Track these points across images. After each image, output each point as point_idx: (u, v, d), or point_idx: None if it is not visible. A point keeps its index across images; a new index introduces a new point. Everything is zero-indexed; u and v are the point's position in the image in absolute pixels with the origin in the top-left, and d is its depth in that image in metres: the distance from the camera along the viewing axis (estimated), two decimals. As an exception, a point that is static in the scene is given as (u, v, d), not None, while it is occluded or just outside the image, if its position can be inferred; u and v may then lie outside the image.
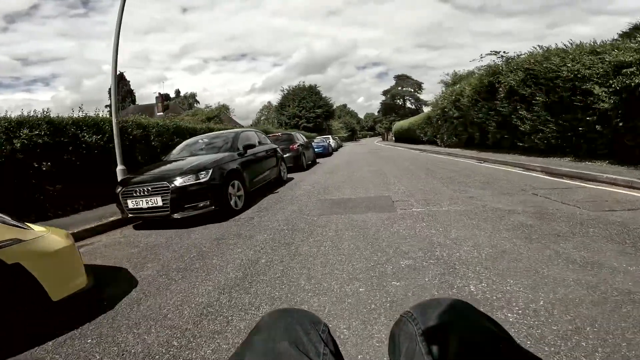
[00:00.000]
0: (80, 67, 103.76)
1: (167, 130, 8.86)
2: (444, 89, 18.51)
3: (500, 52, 10.13)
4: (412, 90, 59.86)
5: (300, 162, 10.40)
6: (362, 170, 9.22)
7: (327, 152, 18.03)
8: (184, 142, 6.57)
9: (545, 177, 6.00)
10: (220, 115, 24.18)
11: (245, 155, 5.74)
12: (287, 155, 10.05)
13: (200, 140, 6.31)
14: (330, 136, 25.35)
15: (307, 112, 37.38)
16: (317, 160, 15.01)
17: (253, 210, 4.91)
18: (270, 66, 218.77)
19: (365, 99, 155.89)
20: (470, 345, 0.44)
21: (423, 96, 59.81)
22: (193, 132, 9.78)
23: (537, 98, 8.25)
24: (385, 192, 5.39)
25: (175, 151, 6.17)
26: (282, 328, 0.53)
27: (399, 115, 55.93)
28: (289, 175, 9.18)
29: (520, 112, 9.01)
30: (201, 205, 4.33)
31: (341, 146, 35.67)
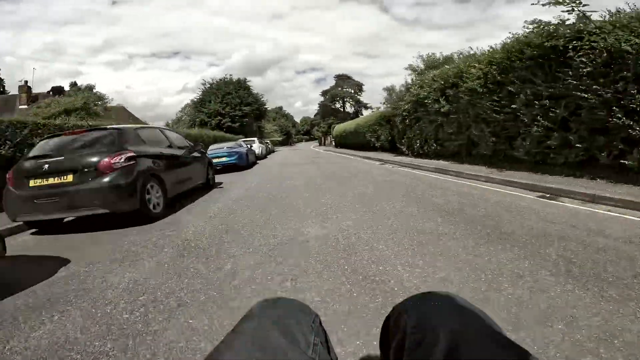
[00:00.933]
0: None
1: None
2: (412, 77, 13.73)
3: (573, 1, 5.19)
4: (353, 91, 56.34)
5: (132, 203, 4.10)
6: (306, 239, 3.39)
7: (244, 164, 11.83)
8: None
9: None
10: (88, 108, 16.26)
11: None
12: (91, 185, 3.77)
13: None
14: (255, 139, 19.17)
15: (232, 109, 30.51)
16: (220, 180, 8.81)
17: None
18: (206, 66, 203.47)
19: (303, 104, 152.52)
20: (460, 340, 0.43)
21: (363, 99, 56.92)
22: None
23: None
24: None
25: None
26: (273, 317, 0.51)
27: (338, 118, 51.87)
28: (71, 263, 2.95)
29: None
30: None
31: (273, 151, 29.59)
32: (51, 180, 3.75)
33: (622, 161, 4.55)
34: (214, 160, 11.04)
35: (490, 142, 7.15)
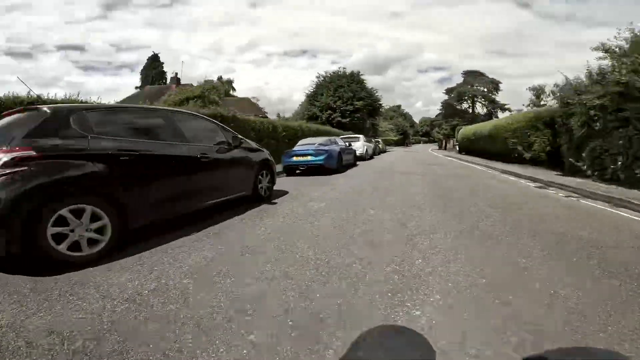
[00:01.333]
0: (162, 56, 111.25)
1: None
2: (609, 62, 8.61)
3: None
4: (486, 90, 47.20)
5: None
6: None
7: (333, 166, 9.26)
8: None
9: None
10: (207, 96, 16.66)
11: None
12: None
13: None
14: (361, 137, 16.51)
15: (343, 103, 28.68)
16: (292, 186, 6.52)
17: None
18: (330, 64, 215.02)
19: (424, 104, 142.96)
20: None
21: (499, 99, 47.37)
22: None
23: None
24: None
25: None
26: (387, 347, 0.49)
27: (465, 120, 44.49)
28: None
29: None
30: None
31: (384, 152, 26.57)
32: None
33: None
34: (296, 159, 8.93)
35: None
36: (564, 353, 0.47)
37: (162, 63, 52.50)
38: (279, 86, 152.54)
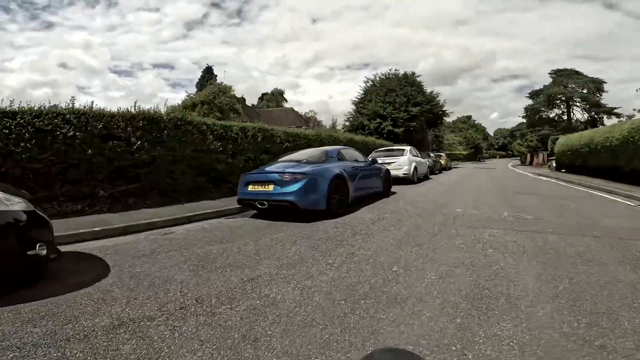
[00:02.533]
0: (236, 72, 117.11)
1: None
2: None
3: None
4: (586, 91, 37.18)
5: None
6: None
7: (320, 205, 4.82)
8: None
9: None
10: (212, 100, 13.80)
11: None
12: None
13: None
14: (407, 149, 11.72)
15: (395, 110, 23.87)
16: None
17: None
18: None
19: (500, 115, 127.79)
20: None
21: (606, 102, 37.14)
22: None
23: None
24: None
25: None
26: None
27: (558, 129, 35.63)
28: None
29: None
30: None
31: (446, 169, 21.04)
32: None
33: None
34: (252, 189, 4.87)
35: None
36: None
37: (216, 75, 53.69)
38: (343, 100, 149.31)
